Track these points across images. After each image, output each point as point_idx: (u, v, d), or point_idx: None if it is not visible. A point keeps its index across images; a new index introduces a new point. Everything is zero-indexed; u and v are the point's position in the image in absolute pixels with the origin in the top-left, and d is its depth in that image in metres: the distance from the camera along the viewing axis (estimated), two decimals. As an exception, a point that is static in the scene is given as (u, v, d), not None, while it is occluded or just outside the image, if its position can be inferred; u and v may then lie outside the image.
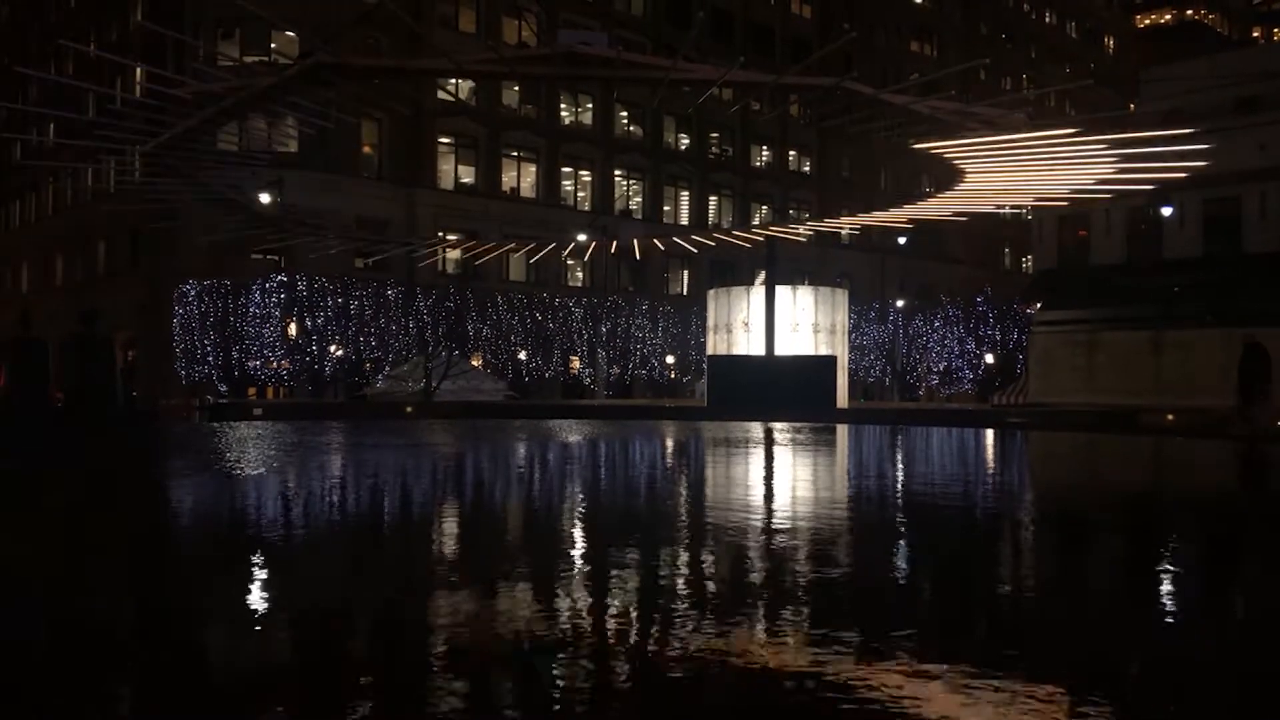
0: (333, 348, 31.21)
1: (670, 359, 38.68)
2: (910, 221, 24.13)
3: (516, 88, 44.53)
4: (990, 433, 17.55)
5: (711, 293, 28.82)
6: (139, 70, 27.06)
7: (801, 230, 25.17)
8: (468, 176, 44.78)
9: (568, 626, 3.26)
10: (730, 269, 46.93)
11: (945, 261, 60.48)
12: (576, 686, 2.66)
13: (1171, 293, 31.77)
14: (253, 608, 3.56)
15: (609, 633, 3.24)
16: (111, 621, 3.45)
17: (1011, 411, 26.29)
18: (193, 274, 31.77)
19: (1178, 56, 47.03)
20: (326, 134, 32.47)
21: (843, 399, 26.17)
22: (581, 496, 7.48)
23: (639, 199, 50.72)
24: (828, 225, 25.29)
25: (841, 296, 28.14)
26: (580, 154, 47.97)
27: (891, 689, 2.55)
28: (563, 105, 47.79)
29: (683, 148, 52.44)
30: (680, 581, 4.17)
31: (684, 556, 4.81)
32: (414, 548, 5.13)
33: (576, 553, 4.88)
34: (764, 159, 56.19)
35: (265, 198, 25.43)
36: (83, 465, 9.68)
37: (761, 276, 26.25)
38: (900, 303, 41.51)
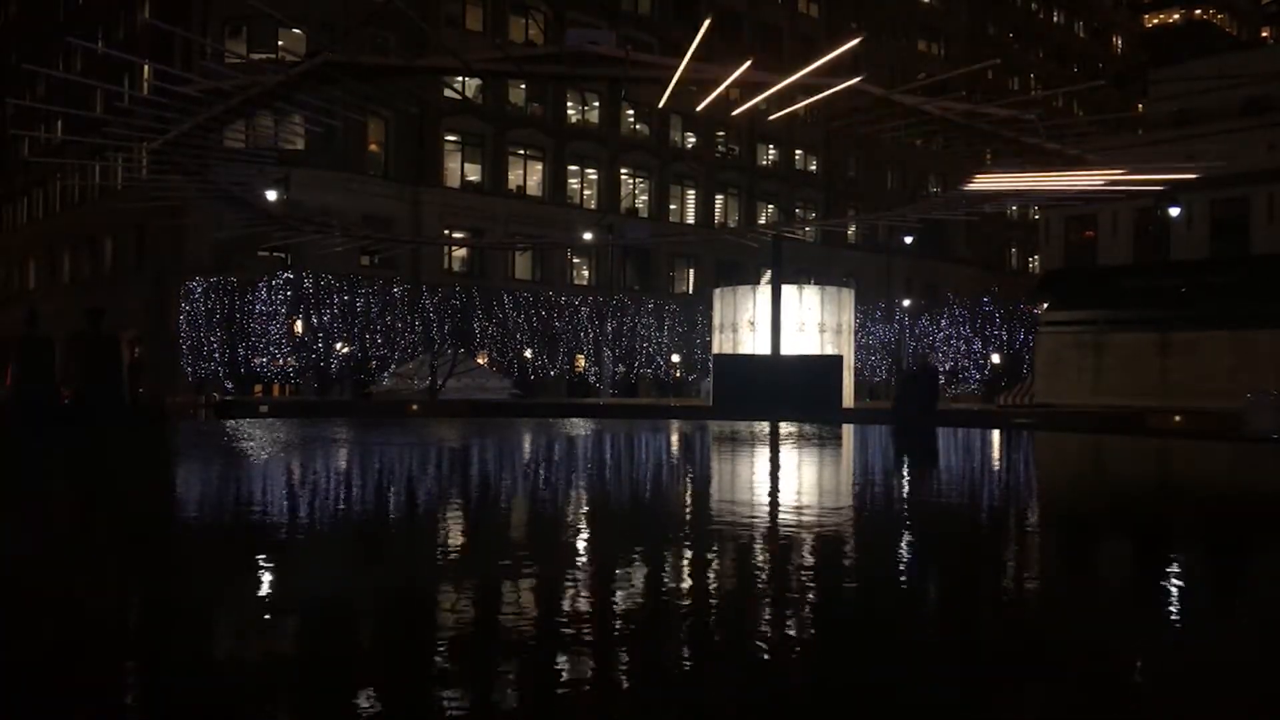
0: (339, 345, 31.21)
1: (676, 358, 38.59)
2: (919, 221, 24.08)
3: (523, 86, 44.50)
4: (996, 434, 17.51)
5: (717, 292, 28.75)
6: (147, 68, 27.08)
7: (808, 230, 25.16)
8: (474, 175, 44.77)
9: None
10: (736, 268, 46.84)
11: (951, 261, 60.32)
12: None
13: (1179, 294, 31.66)
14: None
15: (620, 624, 3.23)
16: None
17: (1017, 412, 26.19)
18: (199, 271, 31.81)
19: (1186, 57, 46.90)
20: (333, 132, 32.57)
21: (849, 399, 26.11)
22: (591, 496, 7.47)
23: (645, 198, 50.65)
24: (835, 224, 25.25)
25: (847, 296, 28.05)
26: (587, 152, 47.92)
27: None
28: (569, 104, 47.76)
29: (689, 147, 52.34)
30: (683, 578, 4.16)
31: (690, 555, 4.80)
32: (419, 540, 5.13)
33: (589, 549, 4.87)
34: (770, 158, 56.05)
35: (272, 195, 25.45)
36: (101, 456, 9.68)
37: (767, 276, 26.17)
38: (906, 302, 41.35)
